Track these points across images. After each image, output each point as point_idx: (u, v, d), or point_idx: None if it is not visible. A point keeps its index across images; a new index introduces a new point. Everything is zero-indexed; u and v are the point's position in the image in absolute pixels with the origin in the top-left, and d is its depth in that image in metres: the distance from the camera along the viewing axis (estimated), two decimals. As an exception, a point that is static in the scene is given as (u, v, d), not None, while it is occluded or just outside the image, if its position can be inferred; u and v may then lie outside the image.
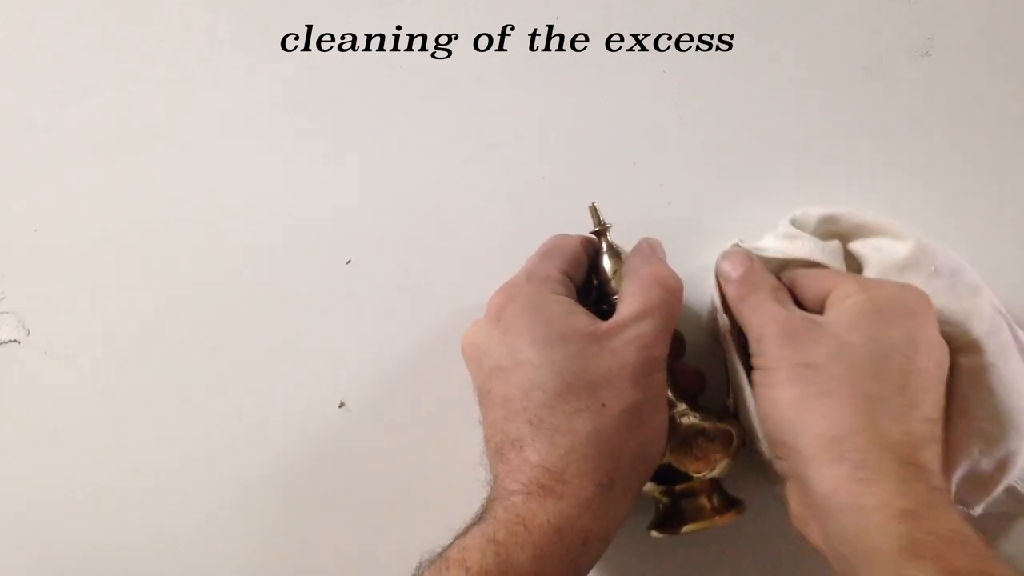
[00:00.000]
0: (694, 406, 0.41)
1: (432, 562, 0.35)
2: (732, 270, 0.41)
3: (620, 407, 0.36)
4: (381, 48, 0.50)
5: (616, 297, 0.40)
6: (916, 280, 0.40)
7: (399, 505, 0.46)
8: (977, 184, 0.48)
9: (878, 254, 0.42)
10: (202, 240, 0.48)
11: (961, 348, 0.40)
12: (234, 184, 0.49)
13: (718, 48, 0.49)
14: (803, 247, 0.42)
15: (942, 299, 0.40)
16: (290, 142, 0.49)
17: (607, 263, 0.42)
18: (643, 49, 0.49)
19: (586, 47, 0.49)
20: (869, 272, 0.42)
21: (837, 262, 0.43)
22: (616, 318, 0.38)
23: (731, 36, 0.49)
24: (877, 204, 0.47)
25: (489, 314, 0.40)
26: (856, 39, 0.49)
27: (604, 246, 0.43)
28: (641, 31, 0.49)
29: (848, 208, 0.43)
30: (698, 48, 0.49)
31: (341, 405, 0.46)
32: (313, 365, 0.47)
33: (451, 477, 0.45)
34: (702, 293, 0.41)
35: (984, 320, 0.40)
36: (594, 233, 0.43)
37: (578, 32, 0.49)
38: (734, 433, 0.40)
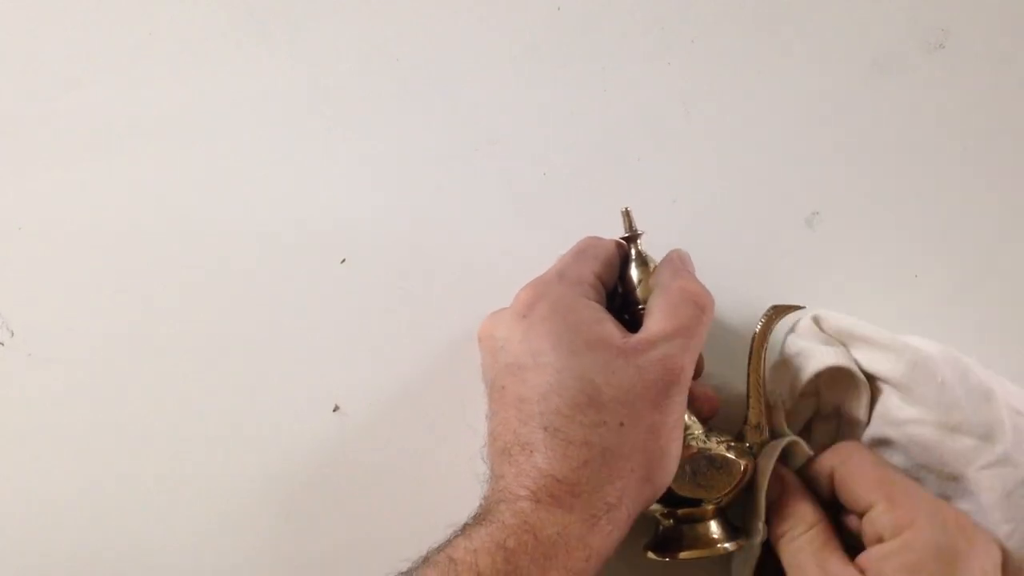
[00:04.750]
0: (706, 430, 0.40)
1: (431, 561, 0.34)
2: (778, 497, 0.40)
3: (638, 428, 0.35)
4: (377, 42, 0.49)
5: (641, 308, 0.40)
6: (928, 395, 0.39)
7: (395, 509, 0.45)
8: (993, 183, 0.47)
9: (877, 372, 0.41)
10: (192, 239, 0.47)
11: (993, 464, 0.39)
12: (225, 182, 0.48)
13: (724, 40, 0.48)
14: (836, 355, 0.41)
15: (958, 414, 0.39)
16: (283, 138, 0.48)
17: (634, 271, 0.41)
18: (647, 41, 0.48)
19: (589, 39, 0.48)
20: (879, 406, 0.41)
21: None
22: (644, 334, 0.37)
23: (737, 28, 0.48)
24: (887, 203, 0.47)
25: (515, 308, 0.39)
26: (867, 31, 0.48)
27: (633, 253, 0.42)
28: (645, 23, 0.48)
29: (830, 312, 0.42)
30: (704, 40, 0.48)
31: (335, 409, 0.46)
32: (307, 367, 0.46)
33: (447, 480, 0.44)
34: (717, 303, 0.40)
35: (1006, 429, 0.39)
36: (624, 239, 0.42)
37: (580, 23, 0.48)
38: (742, 465, 0.39)
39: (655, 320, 0.37)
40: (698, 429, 0.39)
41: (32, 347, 0.46)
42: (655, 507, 0.39)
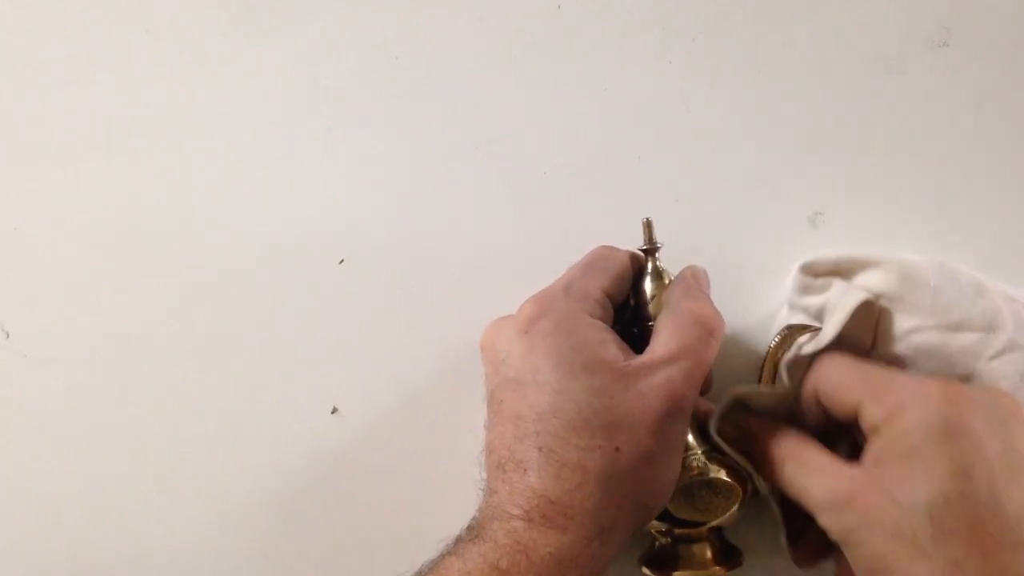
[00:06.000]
0: (708, 451, 0.39)
1: None
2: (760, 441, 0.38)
3: (634, 455, 0.34)
4: (377, 41, 0.48)
5: (651, 324, 0.39)
6: (923, 301, 0.38)
7: (394, 510, 0.45)
8: (997, 180, 0.46)
9: (872, 289, 0.40)
10: (189, 239, 0.47)
11: (1001, 352, 0.38)
12: (224, 181, 0.47)
13: (726, 38, 0.48)
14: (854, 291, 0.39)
15: (956, 312, 0.38)
16: (282, 137, 0.48)
17: (648, 285, 0.40)
18: (648, 40, 0.48)
19: (589, 38, 0.48)
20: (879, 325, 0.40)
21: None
22: (647, 356, 0.36)
23: (739, 26, 0.48)
24: (890, 202, 0.46)
25: (518, 321, 0.38)
26: (869, 29, 0.48)
27: (649, 266, 0.41)
28: (645, 21, 0.48)
29: (815, 256, 0.41)
30: (705, 39, 0.48)
31: (334, 411, 0.45)
32: (305, 369, 0.46)
33: (446, 482, 0.44)
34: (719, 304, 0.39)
35: (1005, 317, 0.39)
36: (642, 251, 0.41)
37: (581, 22, 0.48)
38: (741, 490, 0.38)
39: (660, 342, 0.36)
40: (699, 449, 0.39)
41: (28, 348, 0.46)
42: (653, 523, 0.39)
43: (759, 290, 0.44)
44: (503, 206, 0.47)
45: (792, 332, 0.40)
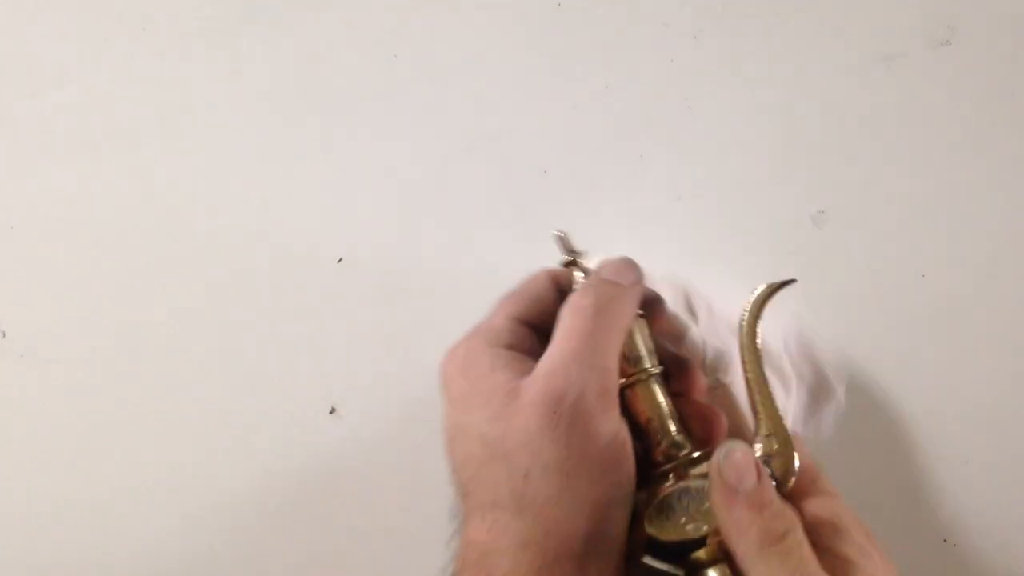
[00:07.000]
0: (689, 460, 0.33)
1: None
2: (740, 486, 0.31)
3: (544, 473, 0.31)
4: (376, 39, 0.48)
5: None
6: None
7: (390, 512, 0.45)
8: (1000, 181, 0.46)
9: None
10: (187, 238, 0.47)
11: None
12: (220, 179, 0.48)
13: (728, 37, 0.48)
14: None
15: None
16: (279, 134, 0.48)
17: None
18: (649, 38, 0.48)
19: (590, 36, 0.48)
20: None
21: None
22: (536, 368, 0.33)
23: (741, 25, 0.48)
24: (893, 200, 0.46)
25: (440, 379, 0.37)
26: (872, 27, 0.48)
27: (576, 278, 0.37)
28: (647, 19, 0.48)
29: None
30: (707, 37, 0.48)
31: (332, 411, 0.45)
32: (303, 368, 0.46)
33: (445, 484, 0.43)
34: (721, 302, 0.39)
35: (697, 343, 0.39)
36: (564, 265, 0.38)
37: (581, 19, 0.48)
38: None
39: (546, 350, 0.34)
40: (684, 445, 0.34)
41: (25, 347, 0.46)
42: (655, 567, 0.32)
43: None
44: (503, 204, 0.47)
45: (769, 290, 0.35)
